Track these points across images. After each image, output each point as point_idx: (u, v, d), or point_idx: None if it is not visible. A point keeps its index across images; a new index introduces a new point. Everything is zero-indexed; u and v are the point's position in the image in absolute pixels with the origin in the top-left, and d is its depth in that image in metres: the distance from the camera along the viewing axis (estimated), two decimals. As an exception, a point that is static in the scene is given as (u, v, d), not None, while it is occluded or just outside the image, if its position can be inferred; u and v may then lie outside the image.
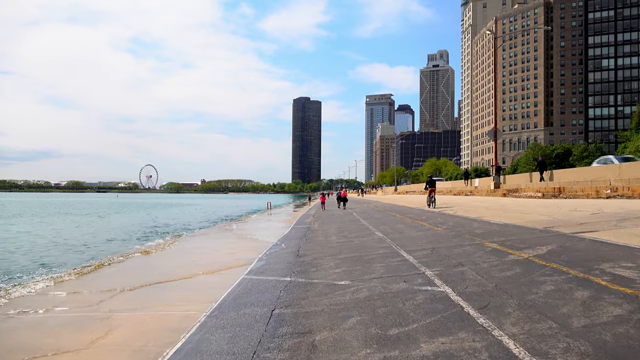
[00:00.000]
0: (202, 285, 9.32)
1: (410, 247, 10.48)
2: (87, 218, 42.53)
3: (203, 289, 8.95)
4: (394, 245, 11.19)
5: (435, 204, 22.02)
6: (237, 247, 15.69)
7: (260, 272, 9.31)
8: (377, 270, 8.08)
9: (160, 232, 25.81)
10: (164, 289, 9.18)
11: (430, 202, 23.70)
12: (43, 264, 14.62)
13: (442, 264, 8.03)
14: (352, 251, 10.89)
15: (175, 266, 12.20)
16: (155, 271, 11.68)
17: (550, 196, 23.24)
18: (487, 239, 10.56)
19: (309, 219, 26.90)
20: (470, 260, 8.09)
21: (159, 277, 10.33)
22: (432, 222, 16.26)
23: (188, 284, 9.49)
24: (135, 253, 15.48)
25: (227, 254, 14.10)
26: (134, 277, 10.91)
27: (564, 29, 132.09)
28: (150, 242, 20.48)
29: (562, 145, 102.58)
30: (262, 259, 11.40)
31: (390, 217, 21.05)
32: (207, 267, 11.41)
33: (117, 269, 12.43)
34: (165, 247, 16.89)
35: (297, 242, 14.51)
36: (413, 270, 7.75)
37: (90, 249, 18.41)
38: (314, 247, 12.66)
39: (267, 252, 12.45)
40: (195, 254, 14.46)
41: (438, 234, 12.55)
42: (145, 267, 12.65)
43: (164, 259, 13.98)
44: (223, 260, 12.25)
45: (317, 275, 8.24)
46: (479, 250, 9.02)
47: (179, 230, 27.38)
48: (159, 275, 10.63)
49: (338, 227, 18.72)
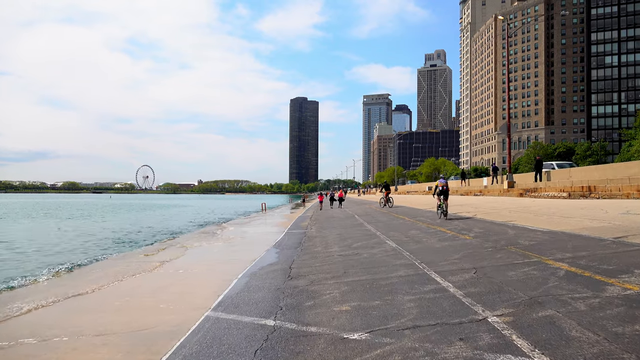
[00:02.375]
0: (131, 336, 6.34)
1: (440, 265, 7.74)
2: (48, 221, 39.59)
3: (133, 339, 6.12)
4: (417, 260, 8.45)
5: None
6: (216, 260, 12.89)
7: (234, 305, 6.53)
8: (406, 308, 5.33)
9: (127, 242, 20.89)
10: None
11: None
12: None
13: (504, 299, 5.29)
14: (361, 270, 8.14)
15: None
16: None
17: (578, 196, 20.56)
18: (545, 254, 7.83)
19: (305, 222, 24.14)
20: (547, 293, 5.35)
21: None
22: (452, 228, 13.52)
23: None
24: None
25: (196, 274, 11.31)
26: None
27: (565, 26, 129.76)
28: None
29: (563, 144, 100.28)
30: (242, 278, 8.64)
31: (399, 221, 18.31)
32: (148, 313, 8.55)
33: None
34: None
35: (290, 253, 11.74)
36: (463, 310, 5.01)
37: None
38: (311, 261, 9.90)
39: (250, 270, 9.68)
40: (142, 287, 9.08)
41: (470, 245, 9.81)
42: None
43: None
44: (184, 290, 9.29)
45: (314, 315, 5.48)
46: (549, 275, 6.28)
47: (158, 235, 24.55)
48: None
49: (339, 233, 15.95)
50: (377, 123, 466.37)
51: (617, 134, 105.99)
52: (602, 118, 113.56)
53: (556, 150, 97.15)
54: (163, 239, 21.93)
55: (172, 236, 23.06)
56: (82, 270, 12.53)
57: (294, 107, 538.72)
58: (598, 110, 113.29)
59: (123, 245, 19.85)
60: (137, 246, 18.84)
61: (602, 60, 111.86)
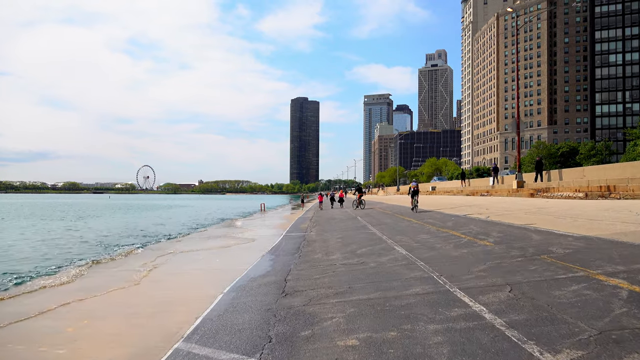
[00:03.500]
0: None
1: (465, 280, 6.44)
2: (39, 223, 38.33)
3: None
4: (434, 272, 7.15)
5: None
6: (202, 270, 11.60)
7: (213, 332, 5.24)
8: (433, 345, 4.04)
9: (112, 246, 18.82)
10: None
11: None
12: None
13: (564, 333, 3.99)
14: (369, 284, 6.85)
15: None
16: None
17: (596, 196, 19.25)
18: (590, 266, 6.53)
19: (305, 223, 22.85)
20: (620, 325, 4.05)
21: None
22: (467, 232, 12.21)
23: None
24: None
25: (177, 287, 10.03)
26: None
27: (568, 25, 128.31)
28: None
29: (567, 144, 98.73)
30: (229, 293, 7.35)
31: (405, 223, 17.01)
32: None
33: None
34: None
35: (287, 260, 10.45)
36: (513, 352, 3.71)
37: None
38: (310, 272, 8.61)
39: (239, 282, 8.39)
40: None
41: (493, 253, 8.50)
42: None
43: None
44: (156, 310, 7.87)
45: (312, 353, 4.19)
46: (609, 296, 4.98)
47: (148, 238, 23.24)
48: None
49: (341, 236, 14.65)
50: (378, 123, 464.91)
51: (621, 133, 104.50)
52: (606, 117, 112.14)
53: (559, 150, 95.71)
54: (151, 242, 20.63)
55: (159, 240, 21.73)
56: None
57: (295, 107, 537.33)
58: (602, 109, 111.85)
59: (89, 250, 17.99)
60: (114, 251, 16.78)
61: (606, 58, 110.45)
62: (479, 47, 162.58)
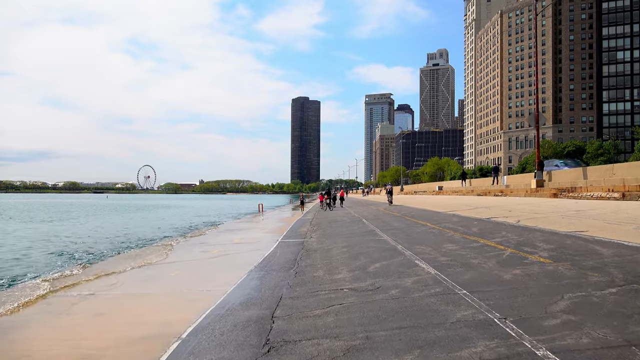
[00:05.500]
0: None
1: (548, 330, 4.07)
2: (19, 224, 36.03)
3: None
4: (490, 311, 4.78)
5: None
6: (158, 297, 9.23)
7: None
8: None
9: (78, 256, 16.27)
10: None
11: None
12: None
13: None
14: (397, 331, 4.49)
15: None
16: None
17: (636, 197, 16.87)
18: None
19: (304, 227, 20.50)
20: None
21: None
22: (502, 241, 9.83)
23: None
24: None
25: (108, 329, 7.68)
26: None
27: (573, 22, 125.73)
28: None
29: (573, 143, 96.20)
30: (183, 345, 5.00)
31: (420, 228, 14.63)
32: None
33: None
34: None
35: (278, 281, 8.09)
36: None
37: None
38: (308, 302, 6.25)
39: (205, 321, 6.03)
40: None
41: (561, 277, 6.11)
42: None
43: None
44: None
45: None
46: None
47: (132, 243, 20.87)
48: None
49: (346, 245, 12.28)
50: (379, 123, 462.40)
51: (629, 131, 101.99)
52: (613, 115, 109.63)
53: (565, 149, 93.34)
54: (115, 252, 18.23)
55: (132, 249, 19.27)
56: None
57: (296, 107, 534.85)
58: (610, 107, 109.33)
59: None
60: (61, 269, 13.33)
61: (613, 55, 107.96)
62: (482, 45, 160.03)
